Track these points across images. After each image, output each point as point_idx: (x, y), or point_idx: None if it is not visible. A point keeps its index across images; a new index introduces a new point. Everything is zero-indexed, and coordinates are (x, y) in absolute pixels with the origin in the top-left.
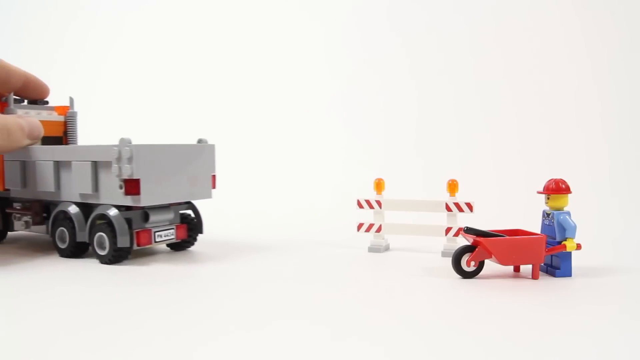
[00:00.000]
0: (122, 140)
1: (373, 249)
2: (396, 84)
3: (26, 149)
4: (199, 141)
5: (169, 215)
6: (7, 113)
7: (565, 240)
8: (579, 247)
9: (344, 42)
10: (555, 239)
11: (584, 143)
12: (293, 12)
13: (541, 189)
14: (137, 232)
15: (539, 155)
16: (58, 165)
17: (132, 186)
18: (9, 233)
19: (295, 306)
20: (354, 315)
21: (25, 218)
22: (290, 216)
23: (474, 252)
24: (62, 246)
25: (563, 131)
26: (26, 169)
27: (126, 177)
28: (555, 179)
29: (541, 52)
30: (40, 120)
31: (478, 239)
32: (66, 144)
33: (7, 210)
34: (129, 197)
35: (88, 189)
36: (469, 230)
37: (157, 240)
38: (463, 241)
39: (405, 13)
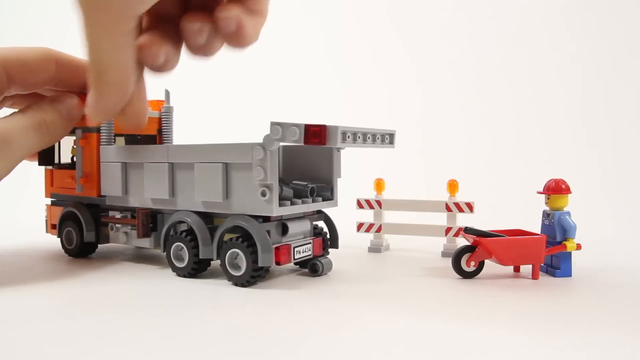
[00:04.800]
0: (267, 138)
1: (373, 249)
2: (396, 84)
3: (129, 149)
4: None
5: (306, 227)
6: None
7: (566, 241)
8: (579, 247)
9: (345, 39)
10: (555, 239)
11: (584, 143)
12: (290, 8)
13: (541, 189)
14: (277, 248)
15: (539, 156)
16: (173, 168)
17: None
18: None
19: (295, 306)
20: (353, 315)
21: (125, 229)
22: None
23: (474, 252)
24: (180, 264)
25: (563, 131)
26: (129, 172)
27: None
28: (555, 179)
29: (542, 52)
30: None
31: (478, 239)
32: (160, 143)
33: (103, 220)
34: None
35: (217, 197)
36: (468, 231)
37: (296, 257)
38: (463, 241)
39: (407, 11)
